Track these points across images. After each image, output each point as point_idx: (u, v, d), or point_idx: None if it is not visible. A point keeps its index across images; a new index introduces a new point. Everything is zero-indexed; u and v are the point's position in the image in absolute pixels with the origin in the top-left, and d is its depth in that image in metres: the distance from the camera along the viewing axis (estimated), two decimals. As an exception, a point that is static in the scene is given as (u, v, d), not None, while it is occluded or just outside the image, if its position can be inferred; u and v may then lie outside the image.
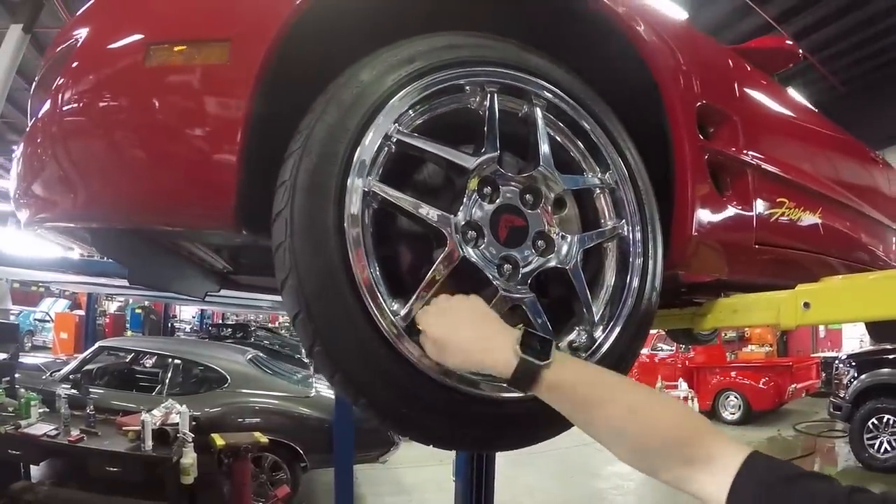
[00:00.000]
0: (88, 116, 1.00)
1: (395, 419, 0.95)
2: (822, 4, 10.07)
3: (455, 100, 1.03)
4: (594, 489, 7.34)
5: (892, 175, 3.37)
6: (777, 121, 2.00)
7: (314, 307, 0.86)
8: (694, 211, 1.33)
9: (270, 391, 6.12)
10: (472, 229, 0.96)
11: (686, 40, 1.55)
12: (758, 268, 1.66)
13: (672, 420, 0.79)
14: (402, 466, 7.36)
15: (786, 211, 1.72)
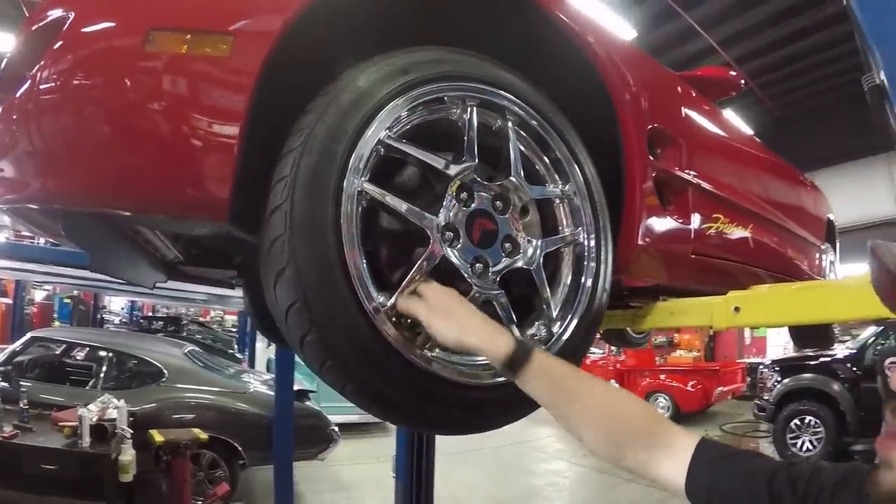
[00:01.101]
0: (82, 97, 0.97)
1: (382, 404, 1.02)
2: (763, 34, 10.67)
3: (439, 111, 1.12)
4: (530, 485, 7.50)
5: (819, 196, 3.68)
6: (716, 144, 2.18)
7: (311, 297, 0.91)
8: (641, 222, 1.48)
9: (208, 386, 5.97)
10: (450, 230, 1.06)
11: (643, 69, 1.69)
12: (693, 276, 1.81)
13: (637, 411, 0.91)
14: (339, 464, 7.38)
15: (720, 226, 1.90)
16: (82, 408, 4.60)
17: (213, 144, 0.96)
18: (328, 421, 6.56)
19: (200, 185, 0.97)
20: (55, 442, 4.50)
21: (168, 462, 4.47)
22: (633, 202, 1.46)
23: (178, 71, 0.97)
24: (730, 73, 2.56)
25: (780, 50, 11.26)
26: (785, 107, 13.83)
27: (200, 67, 0.98)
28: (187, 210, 1.02)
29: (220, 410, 5.79)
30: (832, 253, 3.78)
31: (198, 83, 0.98)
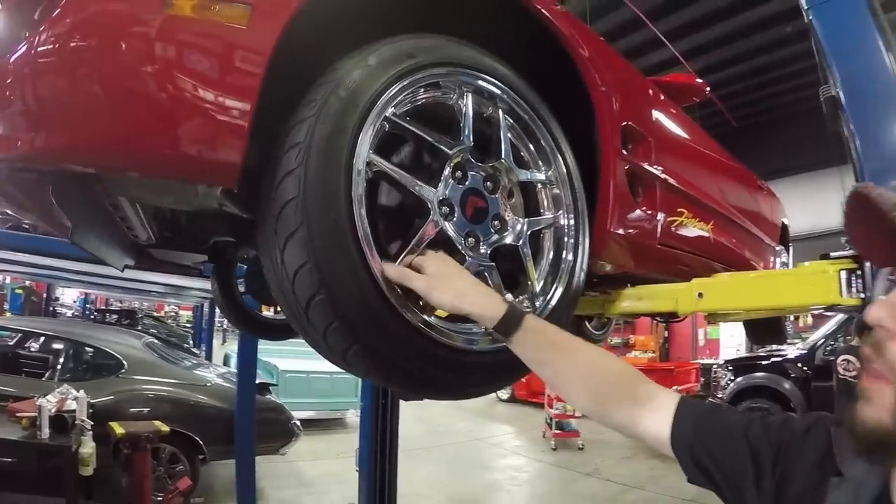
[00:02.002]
0: (98, 53, 0.93)
1: (382, 367, 1.07)
2: (725, 48, 11.04)
3: (438, 94, 1.21)
4: (490, 480, 7.61)
5: (775, 202, 3.90)
6: (683, 145, 2.32)
7: (322, 258, 0.96)
8: (613, 211, 1.58)
9: (169, 378, 5.86)
10: (446, 205, 1.14)
11: (619, 71, 1.81)
12: (658, 265, 1.93)
13: (622, 371, 0.99)
14: (300, 460, 7.42)
15: (684, 220, 2.03)
16: (42, 398, 4.40)
17: (230, 110, 0.97)
18: (290, 415, 6.54)
19: (216, 149, 0.99)
20: (12, 433, 4.27)
21: (128, 456, 4.39)
22: (607, 192, 1.56)
23: (196, 34, 0.97)
24: (696, 79, 2.72)
25: (741, 64, 11.68)
26: (744, 118, 14.31)
27: (219, 33, 0.98)
28: (201, 174, 1.03)
29: (180, 403, 5.69)
30: (786, 255, 4.00)
31: (215, 49, 0.98)
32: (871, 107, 1.92)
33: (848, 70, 1.99)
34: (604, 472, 7.80)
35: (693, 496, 6.44)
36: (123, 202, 1.54)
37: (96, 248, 1.88)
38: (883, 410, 0.64)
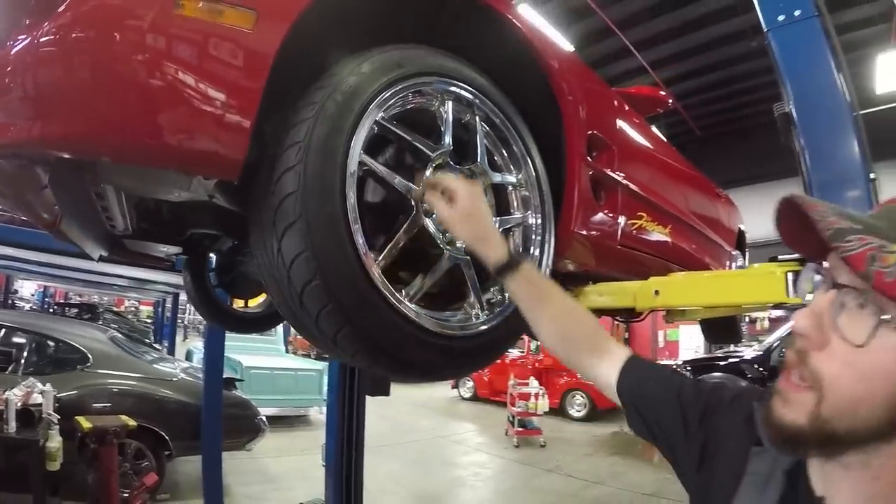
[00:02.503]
0: (109, 48, 0.97)
1: (370, 348, 1.17)
2: (691, 60, 11.41)
3: (423, 100, 1.32)
4: (454, 476, 7.71)
5: (732, 209, 4.10)
6: (644, 153, 2.46)
7: (318, 247, 1.05)
8: (577, 212, 1.71)
9: (135, 372, 5.74)
10: (426, 203, 1.23)
11: (587, 82, 1.94)
12: (618, 265, 2.07)
13: (589, 323, 1.12)
14: (265, 457, 7.41)
15: (643, 223, 2.16)
16: (7, 391, 4.31)
17: (236, 108, 1.04)
18: (256, 410, 6.52)
19: (221, 144, 1.05)
20: (-24, 427, 4.12)
21: (95, 451, 4.30)
22: (572, 195, 1.69)
23: (205, 35, 1.03)
24: (660, 92, 2.88)
25: (706, 75, 12.08)
26: (707, 127, 14.75)
27: (226, 35, 1.04)
28: (206, 167, 1.10)
29: (147, 398, 5.58)
30: (742, 259, 4.21)
31: (222, 50, 1.04)
32: (820, 124, 2.07)
33: (801, 89, 2.14)
34: (565, 469, 7.95)
35: (653, 491, 6.66)
36: (108, 192, 1.57)
37: (78, 237, 1.92)
38: (801, 414, 0.67)
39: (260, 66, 1.06)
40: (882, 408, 0.62)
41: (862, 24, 9.68)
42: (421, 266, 1.31)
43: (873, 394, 0.62)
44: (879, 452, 0.65)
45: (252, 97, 1.04)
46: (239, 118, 1.04)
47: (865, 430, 0.63)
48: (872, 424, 0.62)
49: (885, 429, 0.62)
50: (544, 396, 9.89)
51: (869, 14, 8.90)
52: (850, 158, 2.18)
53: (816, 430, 0.65)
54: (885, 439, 0.63)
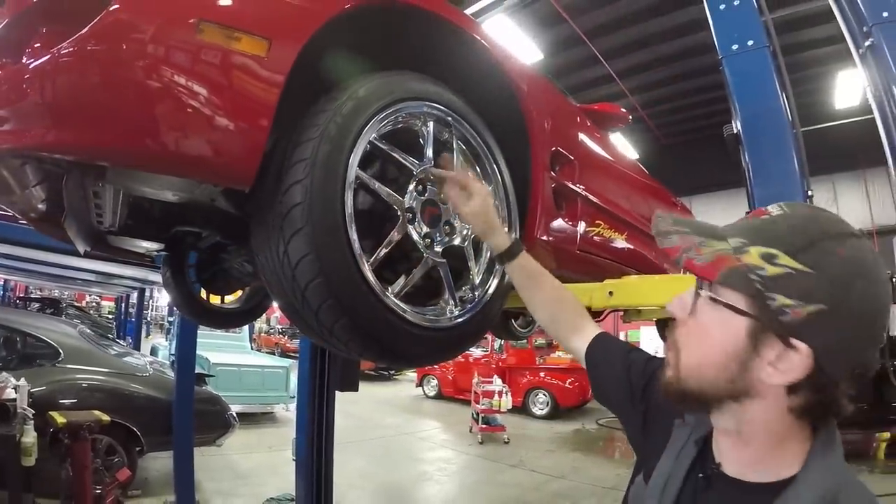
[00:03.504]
0: (137, 67, 1.05)
1: (362, 337, 1.34)
2: (657, 70, 11.76)
3: (408, 121, 1.50)
4: (420, 471, 7.88)
5: (687, 217, 4.32)
6: (603, 166, 2.67)
7: (322, 250, 1.22)
8: (539, 220, 1.91)
9: (106, 367, 5.72)
10: (410, 212, 1.44)
11: (552, 101, 2.14)
12: (578, 268, 2.27)
13: (573, 301, 1.35)
14: (234, 453, 7.48)
15: (601, 230, 2.37)
16: None
17: (252, 125, 1.17)
18: (226, 405, 6.55)
19: (239, 157, 1.18)
20: (-49, 422, 4.03)
21: (68, 446, 4.26)
22: (535, 205, 1.89)
23: (225, 59, 1.14)
24: (620, 109, 3.09)
25: (671, 86, 12.48)
26: (671, 136, 15.20)
27: (243, 61, 1.16)
28: (224, 178, 1.22)
29: (118, 393, 5.56)
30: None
31: (240, 73, 1.15)
32: (764, 144, 2.28)
33: (748, 112, 2.34)
34: (529, 464, 8.20)
35: (613, 485, 6.92)
36: (106, 190, 1.66)
37: (73, 233, 2.02)
38: (671, 373, 0.86)
39: (273, 87, 1.19)
40: (716, 369, 0.78)
41: (824, 42, 10.11)
42: (404, 267, 1.49)
43: (708, 357, 0.80)
44: (740, 418, 0.80)
45: (266, 115, 1.18)
46: (254, 134, 1.18)
47: (712, 390, 0.80)
48: (716, 385, 0.79)
49: (726, 388, 0.78)
50: (508, 394, 10.12)
51: (831, 33, 9.32)
52: (789, 176, 2.40)
53: (678, 387, 0.83)
54: (734, 399, 0.79)
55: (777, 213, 0.80)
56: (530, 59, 10.08)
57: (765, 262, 0.74)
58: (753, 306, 0.74)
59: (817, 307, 0.71)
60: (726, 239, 0.79)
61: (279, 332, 24.90)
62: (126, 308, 17.12)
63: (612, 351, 1.21)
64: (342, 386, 4.28)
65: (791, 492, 0.75)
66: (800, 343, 0.72)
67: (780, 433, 0.79)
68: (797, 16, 8.88)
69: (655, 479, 0.92)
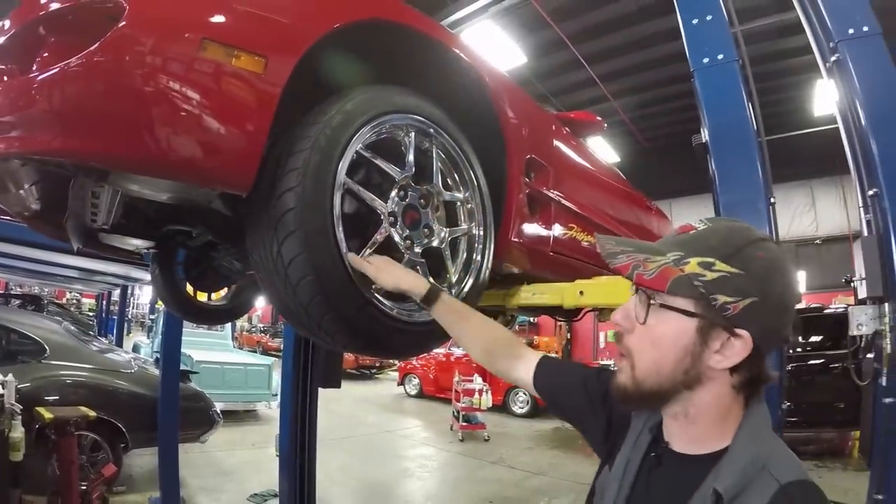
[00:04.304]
0: (143, 80, 1.14)
1: (347, 329, 1.46)
2: (638, 75, 11.93)
3: (392, 132, 1.62)
4: (402, 468, 8.01)
5: (662, 220, 4.50)
6: (577, 172, 2.81)
7: (312, 250, 1.34)
8: (514, 225, 2.04)
9: (91, 364, 5.76)
10: (392, 216, 1.57)
11: (527, 111, 2.26)
12: (552, 269, 2.40)
13: (503, 332, 1.43)
14: (217, 450, 7.56)
15: (574, 233, 2.51)
16: None
17: (251, 136, 1.27)
18: (210, 402, 6.60)
19: (238, 165, 1.29)
20: (-63, 418, 4.01)
21: (55, 442, 4.28)
22: (510, 210, 2.02)
23: (225, 75, 1.23)
24: (596, 117, 3.22)
25: (652, 91, 12.66)
26: (652, 140, 15.41)
27: (243, 76, 1.26)
28: (225, 183, 1.33)
29: (104, 390, 5.59)
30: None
31: (239, 88, 1.26)
32: (730, 154, 2.34)
33: (716, 123, 2.46)
34: (508, 461, 8.36)
35: (591, 481, 7.03)
36: (105, 191, 1.75)
37: (71, 231, 2.10)
38: (626, 378, 0.95)
39: (269, 101, 1.30)
40: (672, 365, 0.90)
41: (805, 51, 10.22)
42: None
43: (664, 356, 0.91)
44: (689, 402, 0.92)
45: (263, 126, 1.29)
46: (252, 144, 1.29)
47: (669, 384, 0.91)
48: (673, 378, 0.91)
49: (682, 379, 0.90)
50: (488, 393, 10.25)
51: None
52: (753, 184, 2.52)
53: (636, 389, 0.94)
54: (687, 388, 0.91)
55: (703, 228, 0.93)
56: (515, 62, 10.24)
57: (704, 269, 0.87)
58: (699, 307, 0.88)
59: (751, 300, 0.85)
60: (665, 254, 0.91)
61: (261, 331, 24.86)
62: (107, 305, 16.98)
63: (562, 368, 1.32)
64: (325, 383, 4.37)
65: (725, 459, 0.87)
66: (741, 331, 0.86)
67: (723, 409, 0.92)
68: (779, 25, 9.06)
69: (617, 465, 1.04)
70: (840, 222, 14.27)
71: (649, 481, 0.98)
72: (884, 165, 1.98)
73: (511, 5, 6.23)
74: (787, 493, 0.82)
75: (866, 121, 2.06)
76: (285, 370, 4.54)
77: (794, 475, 0.85)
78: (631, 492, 0.99)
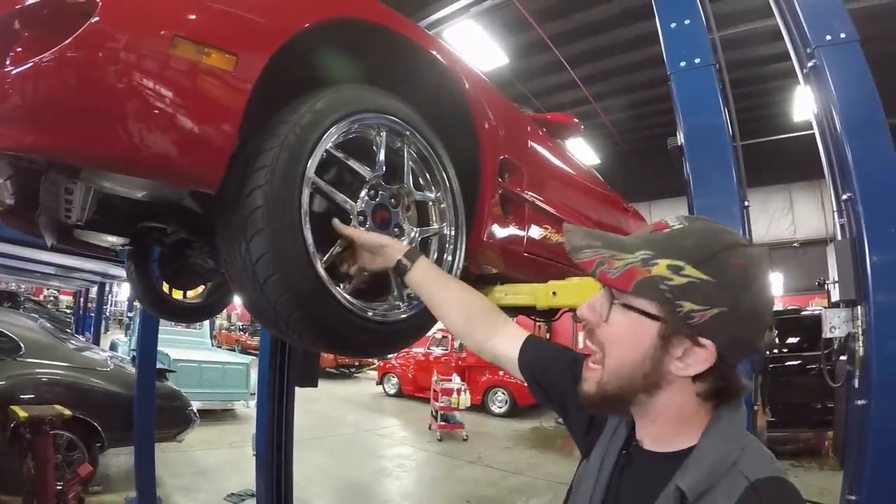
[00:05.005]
0: (112, 76, 1.13)
1: (315, 328, 1.46)
2: (619, 78, 12.00)
3: (363, 131, 1.62)
4: (380, 467, 8.00)
5: (639, 222, 4.54)
6: (552, 173, 2.83)
7: (279, 249, 1.33)
8: (487, 225, 2.05)
9: (67, 362, 5.69)
10: (362, 216, 1.57)
11: (502, 112, 2.27)
12: (525, 269, 2.42)
13: (485, 304, 1.37)
14: (194, 449, 7.51)
15: (548, 234, 2.53)
16: None
17: (220, 133, 1.27)
18: (187, 401, 6.56)
19: (207, 163, 1.28)
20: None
21: (30, 441, 4.19)
22: (483, 211, 2.03)
23: (195, 72, 1.23)
24: (573, 119, 3.24)
25: (632, 94, 12.73)
26: (631, 142, 15.50)
27: (213, 73, 1.25)
28: (194, 181, 1.32)
29: (80, 388, 5.52)
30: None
31: (210, 85, 1.25)
32: (705, 157, 2.35)
33: (691, 126, 2.47)
34: (486, 460, 8.39)
35: (569, 480, 7.03)
36: (78, 187, 1.68)
37: (44, 226, 2.07)
38: (592, 385, 0.92)
39: (239, 98, 1.29)
40: (632, 367, 0.88)
41: (785, 57, 10.34)
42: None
43: (627, 356, 0.88)
44: (650, 405, 0.90)
45: (232, 124, 1.29)
46: (220, 143, 1.28)
47: (629, 385, 0.89)
48: (633, 380, 0.88)
49: (642, 382, 0.88)
50: (466, 392, 10.30)
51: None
52: (727, 187, 2.55)
53: (601, 394, 0.92)
54: (646, 392, 0.89)
55: (678, 227, 0.89)
56: (496, 63, 10.26)
57: (672, 273, 0.83)
58: (663, 311, 0.84)
59: (719, 310, 0.81)
60: (634, 252, 0.87)
61: (240, 329, 24.64)
62: (85, 303, 16.75)
63: (550, 351, 1.25)
64: (302, 382, 4.35)
65: (691, 457, 0.85)
66: (705, 340, 0.83)
67: (686, 413, 0.89)
68: (760, 31, 9.15)
69: (593, 459, 1.02)
70: (818, 226, 14.47)
71: (621, 479, 0.96)
72: (858, 170, 1.99)
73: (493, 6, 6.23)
74: (756, 490, 0.80)
75: (841, 126, 2.06)
76: (262, 369, 4.51)
77: (764, 472, 0.82)
78: (606, 489, 0.97)
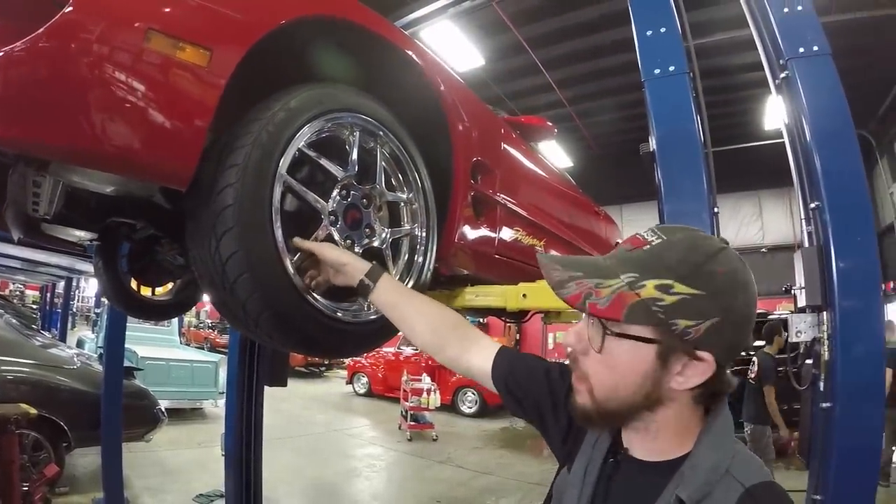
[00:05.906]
0: (84, 68, 1.11)
1: (284, 328, 1.46)
2: (593, 82, 12.11)
3: (336, 131, 1.62)
4: (349, 467, 7.98)
5: (610, 225, 4.60)
6: (525, 176, 2.86)
7: (249, 248, 1.32)
8: (458, 227, 2.07)
9: (33, 360, 5.52)
10: (333, 215, 1.57)
11: (476, 114, 2.28)
12: (496, 271, 2.44)
13: (455, 317, 1.35)
14: (162, 449, 7.42)
15: (519, 236, 2.56)
16: None
17: (191, 129, 1.25)
18: (155, 400, 6.46)
19: (178, 159, 1.26)
20: None
21: None
22: (455, 213, 2.05)
23: (168, 67, 1.21)
24: (546, 122, 3.28)
25: (605, 98, 12.87)
26: (604, 146, 15.65)
27: (186, 68, 1.24)
28: (164, 177, 1.31)
29: (46, 386, 5.36)
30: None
31: (182, 80, 1.23)
32: (676, 163, 2.38)
33: (663, 132, 2.50)
34: (456, 460, 8.43)
35: (538, 480, 7.19)
36: (46, 180, 1.68)
37: (11, 220, 2.03)
38: (585, 400, 0.92)
39: (211, 94, 1.28)
40: (632, 388, 0.88)
41: (760, 67, 10.55)
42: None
43: (623, 380, 0.88)
44: (651, 420, 0.90)
45: (203, 120, 1.27)
46: (191, 139, 1.27)
47: (629, 405, 0.89)
48: (633, 401, 0.88)
49: (642, 402, 0.88)
50: (436, 392, 10.33)
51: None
52: (698, 194, 2.60)
53: (597, 409, 0.91)
54: (648, 409, 0.89)
55: (657, 242, 0.88)
56: (472, 64, 10.30)
57: (662, 292, 0.83)
58: (658, 333, 0.84)
59: (712, 321, 0.82)
60: (618, 275, 0.87)
61: (209, 327, 24.35)
62: (52, 298, 16.38)
63: (523, 362, 1.23)
64: (271, 381, 4.33)
65: (687, 466, 0.86)
66: (703, 353, 0.84)
67: (684, 422, 0.91)
68: (734, 41, 9.31)
69: (577, 467, 1.01)
70: (786, 232, 14.77)
71: (609, 487, 0.96)
72: (826, 180, 2.03)
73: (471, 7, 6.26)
74: (752, 495, 0.82)
75: (811, 136, 2.11)
76: (230, 368, 4.47)
77: (757, 477, 0.84)
78: (591, 498, 0.96)
